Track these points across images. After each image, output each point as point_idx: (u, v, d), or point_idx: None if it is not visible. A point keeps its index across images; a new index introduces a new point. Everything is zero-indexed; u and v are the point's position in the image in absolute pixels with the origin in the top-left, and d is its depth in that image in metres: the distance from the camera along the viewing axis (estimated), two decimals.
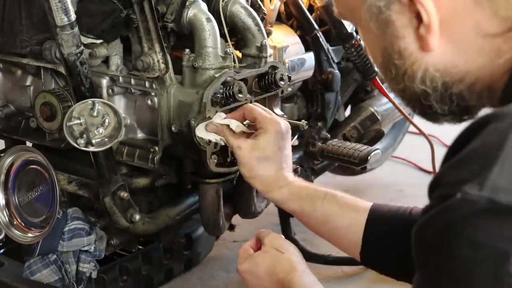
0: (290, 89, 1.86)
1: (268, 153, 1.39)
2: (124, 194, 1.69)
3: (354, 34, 2.20)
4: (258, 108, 1.46)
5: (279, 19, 2.12)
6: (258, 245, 1.34)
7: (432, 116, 0.98)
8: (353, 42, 2.19)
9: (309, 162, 2.19)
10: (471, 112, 0.97)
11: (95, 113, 1.56)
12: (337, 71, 2.22)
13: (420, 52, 0.92)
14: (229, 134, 1.47)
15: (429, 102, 0.95)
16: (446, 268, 0.78)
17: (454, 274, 0.77)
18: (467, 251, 0.76)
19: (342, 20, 2.06)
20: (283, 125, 1.42)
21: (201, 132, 1.53)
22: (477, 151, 0.78)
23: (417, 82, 0.93)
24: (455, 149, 0.82)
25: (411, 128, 3.01)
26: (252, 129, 1.48)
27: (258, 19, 1.74)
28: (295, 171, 1.87)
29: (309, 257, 2.35)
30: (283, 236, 1.36)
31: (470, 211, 0.75)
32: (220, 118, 1.52)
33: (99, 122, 1.58)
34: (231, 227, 2.29)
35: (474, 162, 0.77)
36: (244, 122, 1.49)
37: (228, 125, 1.49)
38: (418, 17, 0.90)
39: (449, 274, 0.78)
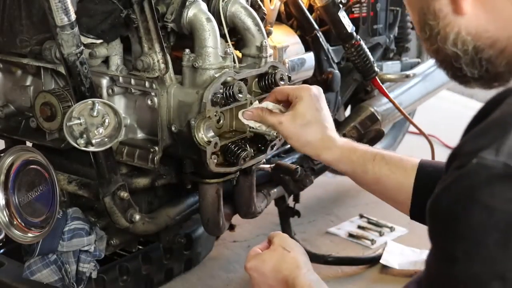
0: None
1: (309, 117, 1.42)
2: (124, 194, 1.69)
3: (354, 34, 2.20)
4: (286, 86, 1.52)
5: (279, 19, 2.12)
6: (269, 247, 1.37)
7: (463, 79, 1.00)
8: (353, 42, 2.19)
9: (309, 162, 2.19)
10: (501, 79, 0.99)
11: (95, 113, 1.56)
12: (337, 71, 2.22)
13: (454, 14, 0.94)
14: (267, 114, 1.49)
15: (460, 65, 0.97)
16: (459, 234, 0.80)
17: (467, 240, 0.79)
18: (481, 217, 0.77)
19: None
20: (314, 88, 1.47)
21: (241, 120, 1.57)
22: (496, 121, 0.82)
23: (449, 44, 0.96)
24: (475, 122, 0.86)
25: (411, 128, 3.02)
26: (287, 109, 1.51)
27: (258, 19, 1.73)
28: (295, 171, 1.88)
29: (309, 257, 2.34)
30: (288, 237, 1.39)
31: (486, 176, 0.77)
32: (255, 105, 1.56)
33: (99, 122, 1.58)
34: (231, 227, 2.29)
35: (492, 131, 0.81)
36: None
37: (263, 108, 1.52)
38: None
39: (461, 240, 0.79)
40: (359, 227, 2.59)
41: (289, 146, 2.17)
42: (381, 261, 2.29)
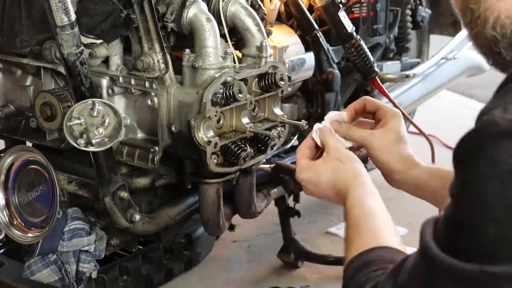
0: (290, 89, 1.86)
1: (402, 134, 1.42)
2: (124, 194, 1.69)
3: (354, 34, 2.20)
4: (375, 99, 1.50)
5: (279, 19, 2.12)
6: (316, 151, 1.37)
7: (503, 64, 1.02)
8: (353, 42, 2.19)
9: None
10: None
11: (95, 113, 1.56)
12: (337, 71, 2.22)
13: None
14: (354, 127, 1.46)
15: (499, 49, 0.99)
16: (464, 182, 0.90)
17: (470, 187, 0.89)
18: (485, 167, 0.87)
19: None
20: (397, 110, 1.48)
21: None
22: (510, 87, 0.90)
23: (488, 28, 0.98)
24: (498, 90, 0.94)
25: (411, 128, 3.01)
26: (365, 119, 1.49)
27: (258, 19, 1.73)
28: (295, 171, 1.87)
29: (309, 257, 2.35)
30: (342, 147, 1.37)
31: (494, 131, 0.86)
32: (329, 119, 1.46)
33: (99, 122, 1.58)
34: (231, 227, 2.30)
35: (506, 95, 0.89)
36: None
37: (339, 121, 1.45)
38: None
39: (466, 187, 0.90)
40: None
41: (289, 146, 2.17)
42: None
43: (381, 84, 2.31)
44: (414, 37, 2.91)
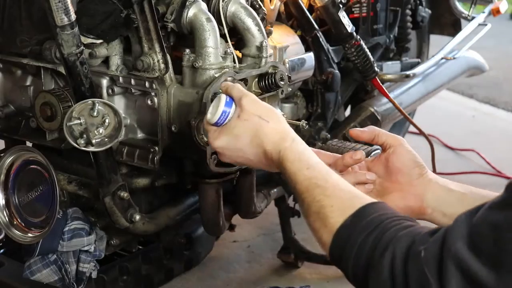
0: (290, 89, 1.86)
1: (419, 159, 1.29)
2: (124, 194, 1.69)
3: (354, 34, 2.20)
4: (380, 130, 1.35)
5: (279, 19, 2.12)
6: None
7: None
8: (353, 42, 2.19)
9: None
10: None
11: (95, 113, 1.56)
12: (337, 71, 2.22)
13: None
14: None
15: None
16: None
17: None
18: None
19: None
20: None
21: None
22: None
23: None
24: None
25: (411, 128, 3.02)
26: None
27: (258, 19, 1.73)
28: None
29: (309, 257, 2.35)
30: (257, 99, 1.19)
31: None
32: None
33: (99, 122, 1.58)
34: (231, 227, 2.30)
35: None
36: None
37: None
38: None
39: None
40: None
41: None
42: None
43: (381, 84, 2.31)
44: (414, 37, 2.91)
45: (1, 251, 1.98)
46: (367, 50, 2.23)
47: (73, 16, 1.52)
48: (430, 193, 1.24)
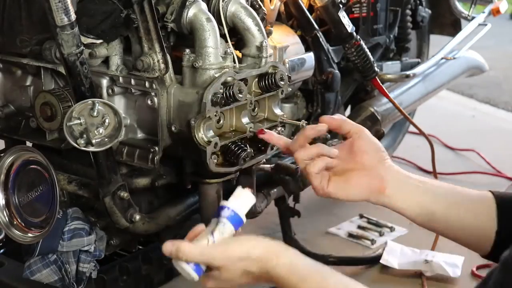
0: (290, 89, 1.86)
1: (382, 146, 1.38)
2: (124, 194, 1.69)
3: (354, 34, 2.20)
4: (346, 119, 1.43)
5: (279, 19, 2.12)
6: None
7: None
8: (353, 42, 2.19)
9: None
10: None
11: (95, 113, 1.56)
12: (337, 71, 2.22)
13: None
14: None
15: None
16: None
17: None
18: None
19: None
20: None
21: None
22: None
23: None
24: None
25: (411, 128, 3.02)
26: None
27: (258, 19, 1.74)
28: (295, 171, 1.87)
29: (309, 257, 2.35)
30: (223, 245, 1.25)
31: None
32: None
33: (99, 122, 1.58)
34: None
35: None
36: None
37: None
38: None
39: None
40: (359, 227, 2.59)
41: None
42: (381, 261, 2.29)
43: (381, 84, 2.31)
44: (414, 37, 2.91)
45: (1, 251, 1.98)
46: (367, 50, 2.23)
47: (73, 16, 1.52)
48: (390, 176, 1.34)
